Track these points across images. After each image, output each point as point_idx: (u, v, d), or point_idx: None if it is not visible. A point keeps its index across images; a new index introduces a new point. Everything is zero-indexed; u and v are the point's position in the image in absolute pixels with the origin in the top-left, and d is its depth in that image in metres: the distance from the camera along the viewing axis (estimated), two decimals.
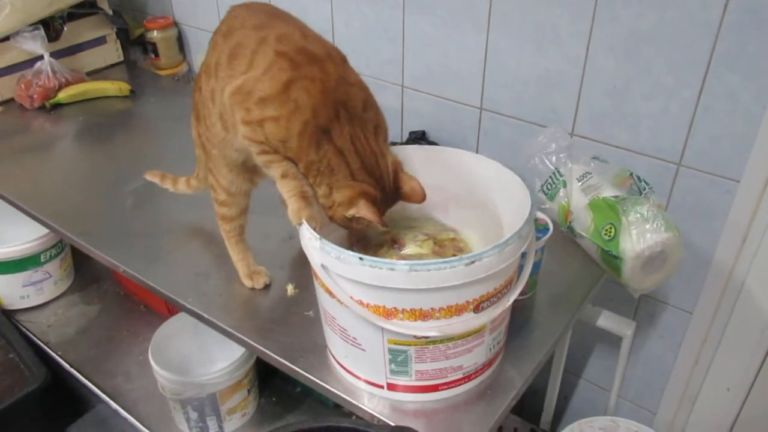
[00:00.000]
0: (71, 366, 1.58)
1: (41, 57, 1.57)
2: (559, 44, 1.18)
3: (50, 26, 1.60)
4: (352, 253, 0.71)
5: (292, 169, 0.83)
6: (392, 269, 0.70)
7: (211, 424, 1.40)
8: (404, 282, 0.70)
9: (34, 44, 1.54)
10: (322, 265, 0.75)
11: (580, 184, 1.03)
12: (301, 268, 1.05)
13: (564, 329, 0.97)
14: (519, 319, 0.94)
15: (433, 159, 0.93)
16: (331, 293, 0.77)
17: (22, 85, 1.57)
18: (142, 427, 1.44)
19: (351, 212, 0.80)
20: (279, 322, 0.96)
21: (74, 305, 1.77)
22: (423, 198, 0.84)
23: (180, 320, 1.51)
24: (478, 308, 0.75)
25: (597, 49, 1.15)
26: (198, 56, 1.84)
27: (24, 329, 1.68)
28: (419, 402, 0.82)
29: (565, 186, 1.03)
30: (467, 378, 0.82)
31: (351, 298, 0.74)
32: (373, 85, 1.47)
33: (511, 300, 0.78)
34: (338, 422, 0.77)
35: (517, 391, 0.85)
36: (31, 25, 1.55)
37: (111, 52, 1.78)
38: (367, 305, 0.74)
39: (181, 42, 1.85)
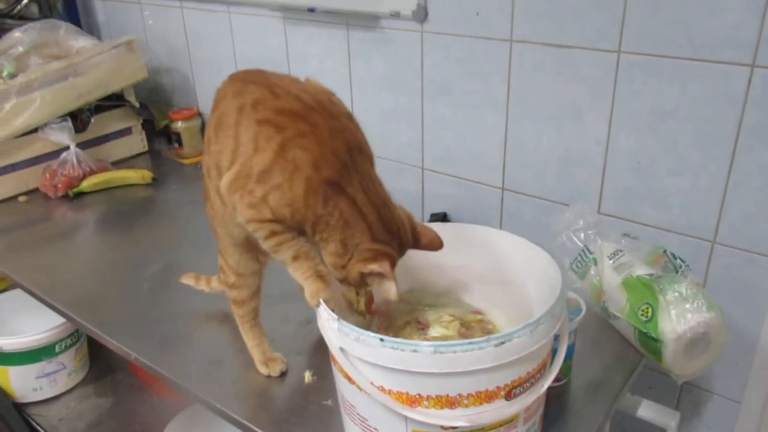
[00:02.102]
0: None
1: (67, 147, 1.60)
2: (580, 122, 1.18)
3: (78, 118, 1.64)
4: (372, 333, 0.67)
5: (303, 248, 0.79)
6: (415, 351, 0.65)
7: None
8: (429, 365, 0.65)
9: (62, 136, 1.58)
10: (341, 348, 0.70)
11: (611, 262, 0.98)
12: (319, 353, 1.00)
13: (603, 419, 0.89)
14: (553, 409, 0.87)
15: (457, 237, 0.90)
16: (350, 379, 0.72)
17: (47, 175, 1.59)
18: None
19: (370, 268, 0.75)
20: (296, 412, 0.90)
21: (87, 398, 1.71)
22: (442, 245, 0.82)
23: (193, 412, 1.45)
24: (510, 395, 0.69)
25: (619, 126, 1.13)
26: None
27: (34, 423, 1.62)
28: None
29: (595, 264, 0.98)
30: None
31: (371, 383, 0.69)
32: (393, 168, 1.49)
33: (546, 386, 0.72)
34: None
35: None
36: (59, 117, 1.59)
37: (136, 142, 1.82)
38: (389, 392, 0.69)
39: (204, 132, 1.88)
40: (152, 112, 1.87)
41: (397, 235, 0.78)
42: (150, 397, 1.69)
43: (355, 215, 0.75)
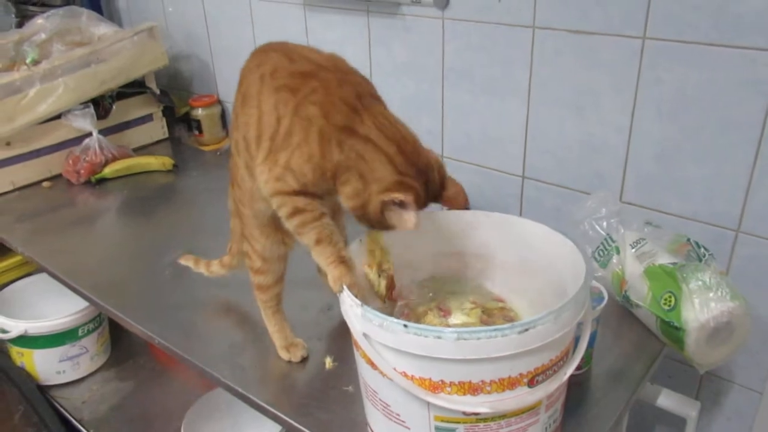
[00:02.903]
0: None
1: (90, 134, 1.62)
2: (603, 109, 1.16)
3: (100, 105, 1.66)
4: (395, 320, 0.67)
5: (326, 231, 0.80)
6: (439, 337, 0.65)
7: None
8: (452, 351, 0.65)
9: (84, 122, 1.60)
10: (364, 334, 0.70)
11: (633, 250, 0.98)
12: (340, 339, 1.01)
13: (624, 407, 0.89)
14: (574, 397, 0.87)
15: (478, 224, 0.90)
16: (372, 364, 0.72)
17: (70, 161, 1.61)
18: None
19: (392, 195, 0.74)
20: (317, 397, 0.91)
21: (109, 381, 1.74)
22: (465, 204, 0.81)
23: (213, 397, 1.47)
24: (532, 382, 0.69)
25: (642, 113, 1.12)
26: None
27: (58, 405, 1.65)
28: None
29: (618, 252, 0.98)
30: None
31: (394, 369, 0.70)
32: None
33: (568, 373, 0.72)
34: None
35: None
36: (82, 103, 1.61)
37: (157, 129, 1.83)
38: (412, 377, 0.69)
39: (224, 119, 1.89)
40: (172, 98, 1.88)
41: (424, 173, 0.78)
42: (171, 382, 1.71)
43: (371, 151, 0.76)
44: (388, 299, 0.90)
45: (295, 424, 0.87)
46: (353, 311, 0.71)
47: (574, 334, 0.75)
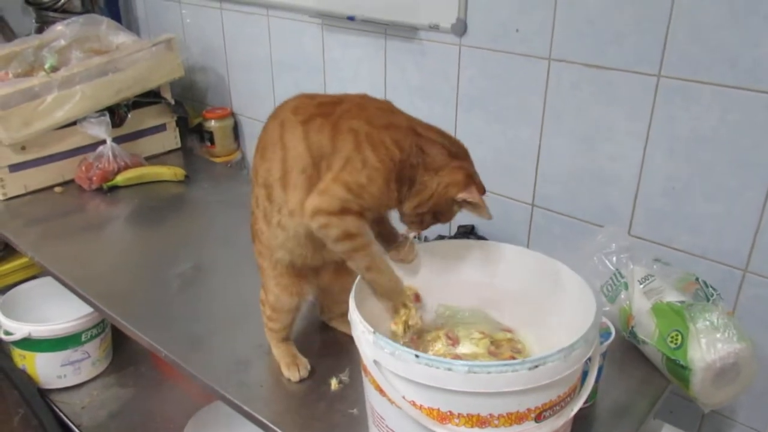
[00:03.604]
0: None
1: (104, 141, 1.63)
2: (615, 143, 1.17)
3: (115, 113, 1.67)
4: (407, 349, 0.68)
5: (377, 260, 0.82)
6: (449, 369, 0.66)
7: None
8: (462, 384, 0.66)
9: (99, 130, 1.61)
10: (375, 361, 0.71)
11: (642, 286, 0.98)
12: (346, 362, 1.01)
13: None
14: (579, 430, 0.87)
15: (488, 255, 0.91)
16: (381, 391, 0.72)
17: (83, 168, 1.62)
18: None
19: (462, 196, 0.81)
20: (321, 418, 0.91)
21: (109, 387, 1.74)
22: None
23: (215, 409, 1.47)
24: (540, 417, 0.70)
25: (654, 149, 1.13)
26: (252, 146, 1.90)
27: (57, 410, 1.65)
28: None
29: (626, 288, 0.98)
30: None
31: (403, 398, 0.70)
32: None
33: (575, 410, 0.73)
34: None
35: None
36: (97, 111, 1.62)
37: (170, 139, 1.85)
38: (420, 407, 0.69)
39: (236, 131, 1.91)
40: (186, 109, 1.89)
41: (468, 155, 0.86)
42: (172, 391, 1.71)
43: (424, 141, 0.82)
44: None
45: None
46: (365, 337, 0.72)
47: (582, 370, 0.75)
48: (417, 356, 0.67)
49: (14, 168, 1.57)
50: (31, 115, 1.52)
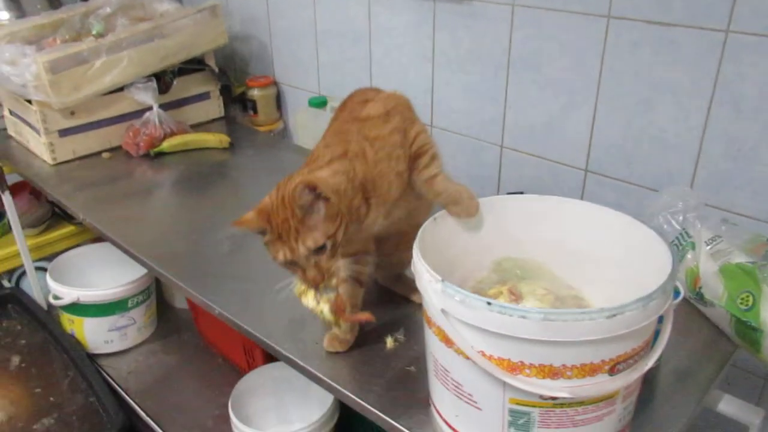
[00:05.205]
0: (148, 415, 1.55)
1: (150, 108, 1.64)
2: (676, 104, 1.13)
3: (161, 80, 1.67)
4: (478, 297, 0.66)
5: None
6: (524, 317, 0.64)
7: None
8: (536, 332, 0.64)
9: (146, 95, 1.61)
10: (442, 310, 0.69)
11: (708, 248, 0.95)
12: (401, 320, 1.00)
13: (695, 407, 0.86)
14: (643, 393, 0.85)
15: (552, 211, 0.88)
16: (447, 342, 0.71)
17: (130, 133, 1.63)
18: None
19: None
20: (379, 375, 0.90)
21: (154, 353, 1.77)
22: None
23: (259, 375, 1.47)
24: (613, 370, 0.67)
25: (719, 109, 1.09)
26: (294, 115, 1.89)
27: (105, 374, 1.68)
28: None
29: (693, 248, 0.95)
30: None
31: (472, 347, 0.68)
32: (470, 145, 1.47)
33: (649, 365, 0.70)
34: None
35: None
36: (144, 77, 1.63)
37: (214, 108, 1.85)
38: (490, 357, 0.68)
39: (279, 101, 1.90)
40: (230, 78, 1.89)
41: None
42: (215, 359, 1.73)
43: None
44: (345, 321, 0.89)
45: (358, 400, 0.86)
46: (432, 286, 0.70)
47: (654, 327, 0.72)
48: (489, 303, 0.65)
49: (64, 133, 1.58)
50: (80, 80, 1.53)
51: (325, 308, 0.85)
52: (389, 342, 0.96)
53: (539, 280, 0.87)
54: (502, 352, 0.67)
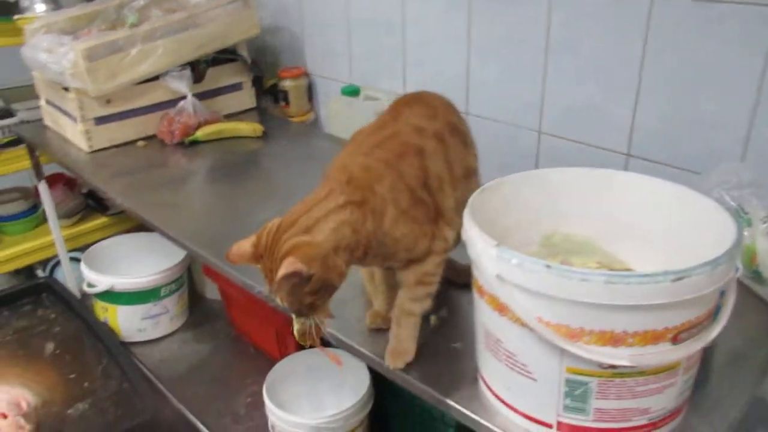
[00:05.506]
0: (180, 402, 1.55)
1: (184, 97, 1.64)
2: (723, 83, 1.10)
3: (195, 69, 1.68)
4: (536, 259, 0.64)
5: None
6: (585, 280, 0.62)
7: None
8: (598, 296, 0.62)
9: (180, 84, 1.62)
10: (497, 276, 0.67)
11: (765, 225, 0.92)
12: (443, 297, 0.98)
13: (753, 389, 0.83)
14: (700, 373, 0.82)
15: (602, 184, 0.86)
16: (502, 310, 0.69)
17: (165, 122, 1.64)
18: None
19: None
20: (422, 352, 0.88)
21: (186, 342, 1.77)
22: None
23: (292, 363, 1.46)
24: (676, 339, 0.65)
25: None
26: (326, 106, 1.88)
27: (137, 362, 1.68)
28: None
29: (749, 225, 0.92)
30: (653, 425, 0.71)
31: (528, 314, 0.66)
32: (506, 130, 1.45)
33: (714, 335, 0.68)
34: None
35: None
36: (179, 66, 1.63)
37: (246, 98, 1.85)
38: (547, 323, 0.66)
39: (310, 91, 1.90)
40: (262, 69, 1.89)
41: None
42: (246, 348, 1.73)
43: None
44: (318, 345, 0.84)
45: (403, 375, 0.84)
46: (487, 252, 0.68)
47: (717, 297, 0.70)
48: (548, 266, 0.63)
49: (100, 121, 1.59)
50: (117, 68, 1.54)
51: (295, 328, 0.82)
52: (433, 320, 0.94)
53: (590, 254, 0.85)
54: (561, 318, 0.65)
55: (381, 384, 1.33)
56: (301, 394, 1.41)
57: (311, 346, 0.84)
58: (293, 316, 0.82)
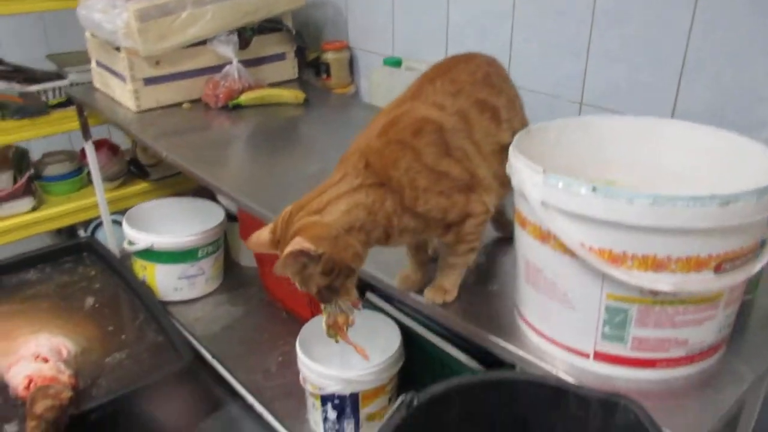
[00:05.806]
0: (214, 357, 1.58)
1: (230, 62, 1.68)
2: None
3: (241, 36, 1.72)
4: (582, 182, 0.65)
5: None
6: (631, 202, 0.63)
7: (348, 429, 1.33)
8: (643, 218, 0.63)
9: (227, 49, 1.66)
10: (542, 203, 0.69)
11: None
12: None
13: None
14: (739, 321, 0.82)
15: (648, 131, 0.87)
16: (544, 239, 0.70)
17: (210, 85, 1.68)
18: (276, 424, 1.39)
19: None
20: (462, 295, 0.89)
21: (221, 304, 1.81)
22: None
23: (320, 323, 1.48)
24: (719, 268, 0.66)
25: None
26: (367, 79, 1.91)
27: (173, 320, 1.72)
28: (632, 379, 0.72)
29: None
30: (690, 359, 0.71)
31: (572, 239, 0.67)
32: (545, 102, 1.46)
33: (758, 267, 0.68)
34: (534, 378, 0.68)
35: (747, 386, 0.72)
36: (226, 32, 1.67)
37: (288, 69, 1.89)
38: (590, 248, 0.67)
39: (352, 65, 1.92)
40: (305, 40, 1.92)
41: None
42: (279, 313, 1.76)
43: None
44: (342, 339, 0.87)
45: (444, 311, 0.86)
46: (532, 179, 0.70)
47: (764, 228, 0.70)
48: (594, 189, 0.64)
49: (148, 81, 1.64)
50: (167, 30, 1.59)
51: (323, 320, 0.85)
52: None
53: None
54: (604, 243, 0.66)
55: (412, 346, 1.35)
56: (333, 351, 1.43)
57: (338, 341, 0.86)
58: (322, 307, 0.84)
